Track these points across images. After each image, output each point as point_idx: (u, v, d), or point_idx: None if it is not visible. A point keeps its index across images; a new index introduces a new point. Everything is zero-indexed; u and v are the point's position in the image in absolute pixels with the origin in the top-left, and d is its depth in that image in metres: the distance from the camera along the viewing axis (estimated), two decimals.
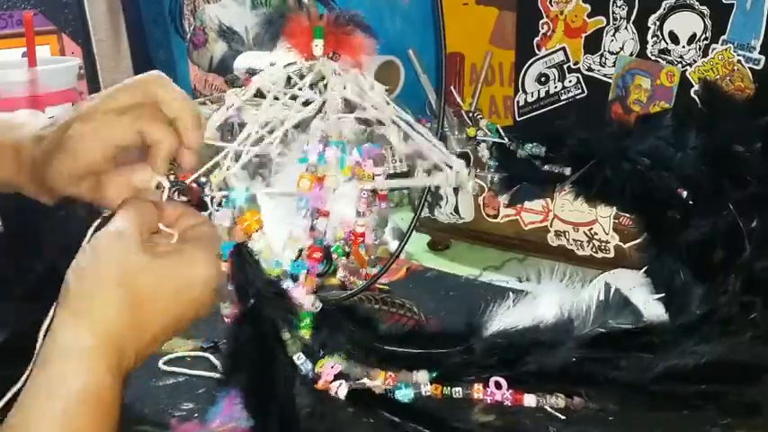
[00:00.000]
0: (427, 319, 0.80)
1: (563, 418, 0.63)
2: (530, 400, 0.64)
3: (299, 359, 0.62)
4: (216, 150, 0.63)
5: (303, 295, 0.64)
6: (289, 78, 0.68)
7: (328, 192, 0.64)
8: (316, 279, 0.67)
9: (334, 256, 0.79)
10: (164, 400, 0.68)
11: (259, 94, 0.68)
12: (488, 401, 0.64)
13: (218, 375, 0.68)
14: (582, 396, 0.63)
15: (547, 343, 0.66)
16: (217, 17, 1.34)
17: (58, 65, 1.06)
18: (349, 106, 0.66)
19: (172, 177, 0.57)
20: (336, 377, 0.65)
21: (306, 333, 0.64)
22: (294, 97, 0.66)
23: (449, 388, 0.65)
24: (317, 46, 0.65)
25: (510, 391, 0.64)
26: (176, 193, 0.57)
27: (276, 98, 0.66)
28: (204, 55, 1.37)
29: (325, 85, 0.67)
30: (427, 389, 0.65)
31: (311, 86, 0.67)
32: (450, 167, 0.68)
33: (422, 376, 0.67)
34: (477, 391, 0.65)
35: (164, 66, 1.51)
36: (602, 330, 0.68)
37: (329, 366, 0.64)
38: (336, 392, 0.64)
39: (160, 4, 1.48)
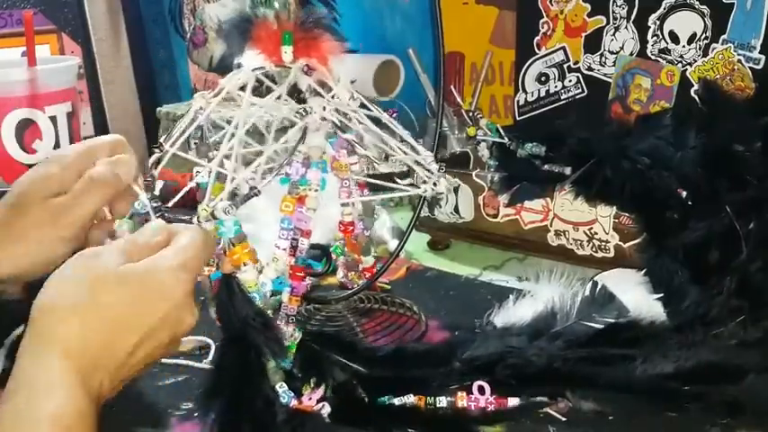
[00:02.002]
0: (427, 318, 0.80)
1: (564, 419, 0.63)
2: (513, 404, 0.63)
3: (281, 388, 0.62)
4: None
5: (283, 326, 0.65)
6: (259, 82, 0.68)
7: (310, 212, 0.64)
8: (299, 300, 0.66)
9: (333, 256, 0.80)
10: (164, 400, 0.68)
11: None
12: (473, 407, 0.63)
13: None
14: (565, 397, 0.63)
15: (528, 338, 0.66)
16: (217, 16, 1.34)
17: (58, 64, 1.06)
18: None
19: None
20: (319, 401, 0.63)
21: (288, 364, 0.64)
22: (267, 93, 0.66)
23: (432, 398, 0.63)
24: (287, 53, 0.65)
25: (494, 396, 0.63)
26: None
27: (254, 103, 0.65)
28: (204, 54, 1.37)
29: (297, 94, 0.66)
30: (410, 401, 0.64)
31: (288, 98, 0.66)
32: (430, 172, 0.69)
33: None
34: (461, 398, 0.63)
35: (164, 65, 1.52)
36: (586, 328, 0.67)
37: (312, 392, 0.63)
38: (320, 412, 0.63)
39: (160, 4, 1.48)
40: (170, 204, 0.59)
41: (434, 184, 0.69)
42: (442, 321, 0.80)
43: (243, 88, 0.65)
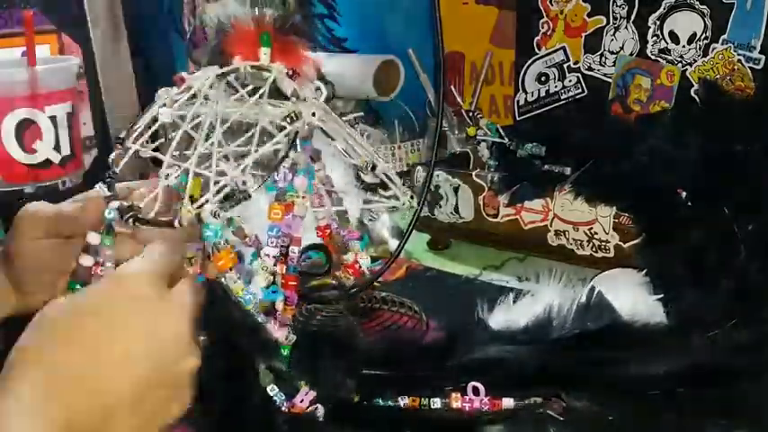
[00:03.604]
0: (427, 318, 0.80)
1: (563, 419, 0.63)
2: (507, 404, 0.63)
3: (272, 390, 0.61)
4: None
5: (276, 329, 0.64)
6: (228, 83, 0.67)
7: (298, 219, 0.63)
8: (294, 309, 0.65)
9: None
10: None
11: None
12: (467, 408, 0.63)
13: None
14: (560, 398, 0.63)
15: (523, 344, 0.66)
16: (216, 16, 1.33)
17: (58, 64, 1.06)
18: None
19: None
20: (312, 403, 0.63)
21: (283, 365, 0.63)
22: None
23: (426, 399, 0.63)
24: (265, 54, 0.65)
25: (488, 397, 0.63)
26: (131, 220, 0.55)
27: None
28: (204, 54, 1.37)
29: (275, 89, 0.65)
30: (404, 402, 0.63)
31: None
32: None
33: None
34: (455, 399, 0.63)
35: (164, 65, 1.52)
36: (580, 330, 0.67)
37: (304, 393, 0.62)
38: (315, 414, 0.62)
39: (160, 4, 1.48)
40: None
41: (397, 198, 0.68)
42: (441, 321, 0.80)
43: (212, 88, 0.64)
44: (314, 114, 0.62)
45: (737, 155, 0.78)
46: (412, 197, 0.69)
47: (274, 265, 0.63)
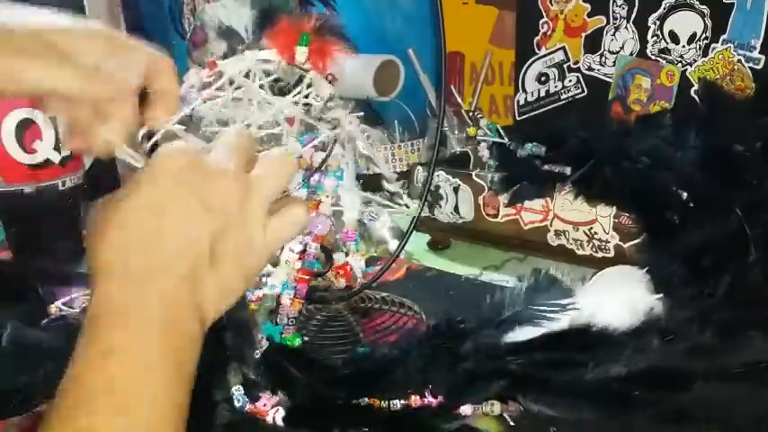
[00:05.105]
0: (427, 318, 0.80)
1: (564, 418, 0.62)
2: (465, 408, 0.62)
3: (238, 390, 0.61)
4: None
5: (255, 333, 0.64)
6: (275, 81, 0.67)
7: (322, 216, 0.64)
8: (301, 302, 0.66)
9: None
10: None
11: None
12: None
13: None
14: (517, 401, 0.63)
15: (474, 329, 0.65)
16: (217, 16, 1.34)
17: None
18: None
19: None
20: (273, 406, 0.62)
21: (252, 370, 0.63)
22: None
23: (386, 402, 0.63)
24: (302, 53, 0.65)
25: (446, 399, 0.62)
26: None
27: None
28: (204, 54, 1.37)
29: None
30: (364, 402, 0.63)
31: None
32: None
33: None
34: (415, 401, 0.62)
35: None
36: (541, 333, 0.66)
37: (267, 397, 0.62)
38: (273, 418, 0.62)
39: (160, 4, 1.48)
40: None
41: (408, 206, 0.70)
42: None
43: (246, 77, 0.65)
44: (351, 123, 0.64)
45: (737, 155, 0.78)
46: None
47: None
